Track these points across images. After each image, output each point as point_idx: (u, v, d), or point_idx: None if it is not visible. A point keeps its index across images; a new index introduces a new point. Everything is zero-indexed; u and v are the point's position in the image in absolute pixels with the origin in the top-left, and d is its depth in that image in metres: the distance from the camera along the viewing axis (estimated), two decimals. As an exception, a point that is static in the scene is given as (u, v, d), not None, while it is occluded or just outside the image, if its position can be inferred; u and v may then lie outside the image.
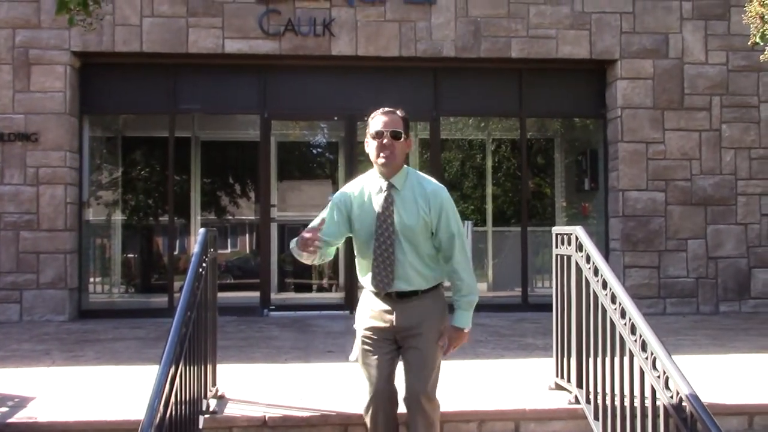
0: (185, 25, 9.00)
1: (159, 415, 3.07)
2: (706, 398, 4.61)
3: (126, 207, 11.30)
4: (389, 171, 3.62)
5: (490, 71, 9.67)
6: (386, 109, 3.68)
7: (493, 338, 7.39)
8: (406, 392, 3.62)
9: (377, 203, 3.63)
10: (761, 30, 6.37)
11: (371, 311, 3.69)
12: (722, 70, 9.46)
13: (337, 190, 10.82)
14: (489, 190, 11.30)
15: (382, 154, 3.58)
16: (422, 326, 3.62)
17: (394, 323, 3.62)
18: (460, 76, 9.64)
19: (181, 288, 10.06)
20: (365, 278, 3.72)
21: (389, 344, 3.66)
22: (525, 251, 9.75)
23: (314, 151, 13.66)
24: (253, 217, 12.73)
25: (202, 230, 4.49)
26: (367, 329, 3.68)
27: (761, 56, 6.63)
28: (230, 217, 13.40)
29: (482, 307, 9.56)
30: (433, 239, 3.65)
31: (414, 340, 3.62)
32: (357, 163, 9.60)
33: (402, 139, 3.61)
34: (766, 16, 6.32)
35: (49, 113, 8.79)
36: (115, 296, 10.79)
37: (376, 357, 3.64)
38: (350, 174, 9.54)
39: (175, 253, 10.23)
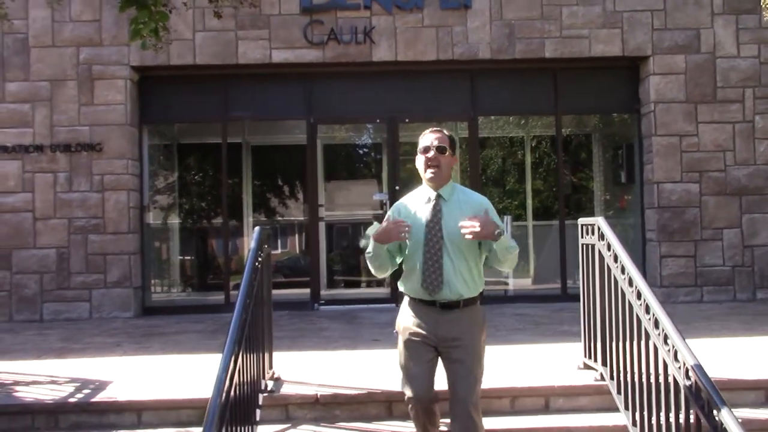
0: (234, 38, 9.56)
1: (225, 387, 3.57)
2: (725, 374, 5.01)
3: (182, 210, 11.95)
4: (437, 183, 3.94)
5: (526, 71, 10.03)
6: (434, 128, 4.03)
7: (530, 326, 7.77)
8: (453, 402, 3.79)
9: (426, 212, 3.91)
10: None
11: (413, 319, 3.91)
12: (754, 63, 9.66)
13: (382, 189, 11.25)
14: (529, 185, 11.64)
15: (429, 168, 3.92)
16: (464, 338, 3.83)
17: (437, 333, 3.84)
18: (496, 77, 10.02)
19: (236, 285, 10.64)
20: (409, 286, 3.94)
21: (430, 351, 3.87)
22: (563, 244, 10.06)
23: (359, 152, 14.14)
24: (301, 218, 13.26)
25: (257, 228, 4.99)
26: (410, 335, 3.90)
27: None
28: (280, 218, 13.95)
29: (523, 298, 10.11)
30: (481, 247, 3.91)
31: (457, 351, 3.82)
32: (399, 163, 10.07)
33: (447, 153, 3.93)
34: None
35: (111, 124, 9.44)
36: (174, 294, 11.45)
37: (417, 364, 3.85)
38: (393, 173, 10.02)
39: (230, 253, 10.81)
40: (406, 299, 4.03)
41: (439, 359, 3.92)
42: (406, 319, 3.96)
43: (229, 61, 9.60)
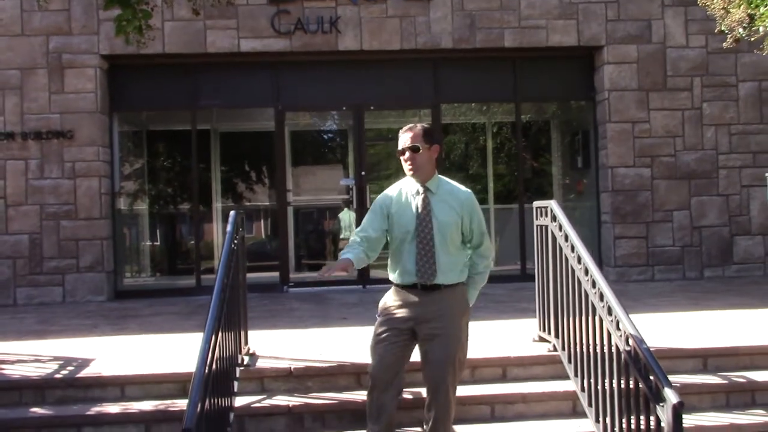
0: (203, 28, 9.77)
1: (209, 358, 3.88)
2: (670, 345, 5.42)
3: (152, 196, 12.13)
4: (421, 178, 4.11)
5: (486, 60, 10.41)
6: (407, 126, 4.16)
7: (491, 305, 8.16)
8: (431, 380, 4.03)
9: (415, 204, 4.10)
10: (724, 20, 7.07)
11: (395, 302, 4.10)
12: (702, 53, 10.15)
13: (349, 174, 11.51)
14: (491, 170, 12.03)
15: (407, 167, 4.10)
16: (445, 320, 4.01)
17: (417, 314, 4.02)
18: (458, 66, 10.38)
19: (207, 269, 10.85)
20: (398, 273, 4.10)
21: (404, 335, 4.04)
22: (523, 226, 10.47)
23: (326, 139, 14.43)
24: (267, 203, 13.50)
25: (232, 212, 5.27)
26: (388, 316, 4.08)
27: (724, 44, 7.30)
28: (247, 203, 14.18)
29: (485, 278, 10.42)
30: (465, 237, 4.16)
31: (434, 331, 3.99)
32: (365, 148, 10.40)
33: (422, 150, 4.07)
34: (727, 8, 7.00)
35: (82, 112, 9.61)
36: (145, 278, 11.67)
37: (387, 345, 4.03)
38: (359, 158, 10.34)
39: (200, 237, 11.05)
40: (392, 287, 4.20)
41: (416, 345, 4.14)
42: (388, 303, 4.16)
43: (198, 50, 9.82)
